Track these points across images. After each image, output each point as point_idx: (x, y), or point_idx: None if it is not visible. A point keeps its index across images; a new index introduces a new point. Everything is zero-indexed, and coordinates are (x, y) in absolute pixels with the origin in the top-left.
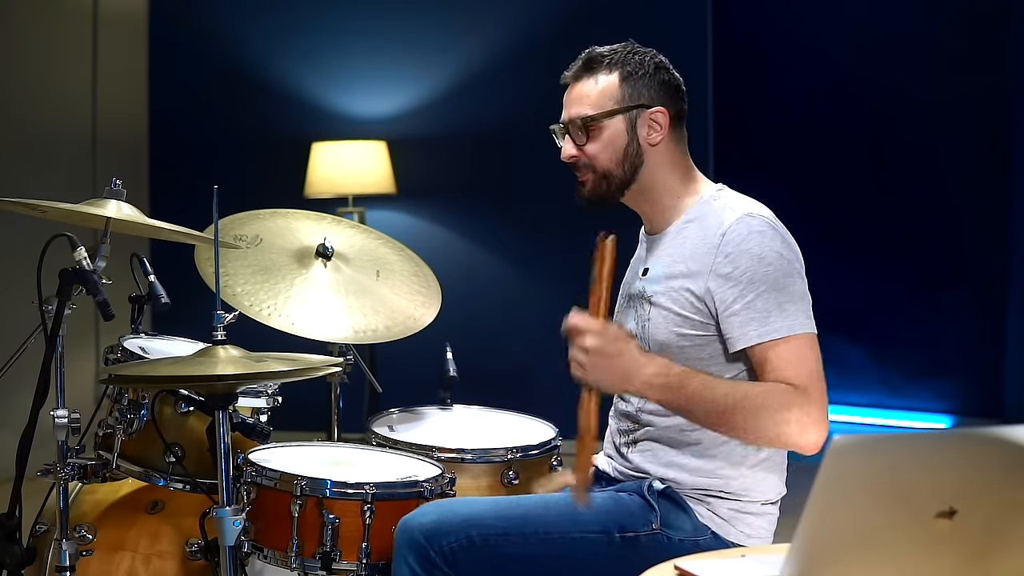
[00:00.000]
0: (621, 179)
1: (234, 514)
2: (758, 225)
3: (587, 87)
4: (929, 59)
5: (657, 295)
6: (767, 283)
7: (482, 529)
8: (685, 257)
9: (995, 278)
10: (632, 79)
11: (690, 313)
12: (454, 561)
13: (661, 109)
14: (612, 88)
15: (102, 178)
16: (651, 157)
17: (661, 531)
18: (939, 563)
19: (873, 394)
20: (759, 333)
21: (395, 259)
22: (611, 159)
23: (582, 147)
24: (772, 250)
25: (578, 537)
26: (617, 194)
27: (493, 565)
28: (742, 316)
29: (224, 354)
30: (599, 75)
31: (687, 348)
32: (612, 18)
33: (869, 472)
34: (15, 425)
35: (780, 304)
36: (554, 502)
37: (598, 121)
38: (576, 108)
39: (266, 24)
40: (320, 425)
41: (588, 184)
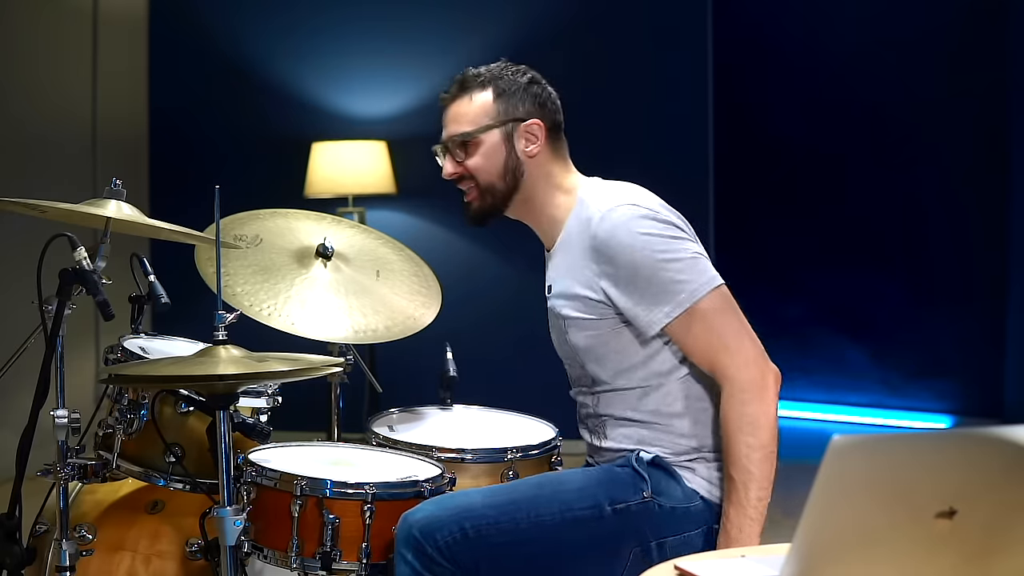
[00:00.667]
0: (504, 191)
1: (234, 514)
2: (618, 216)
3: (463, 106)
4: (929, 57)
5: (564, 308)
6: (649, 266)
7: (475, 520)
8: (572, 267)
9: (995, 278)
10: (505, 95)
11: (593, 316)
12: (451, 555)
13: (536, 121)
14: (487, 105)
15: (102, 178)
16: (531, 168)
17: (652, 499)
18: (939, 563)
19: (873, 394)
20: (664, 313)
21: (395, 259)
22: (491, 172)
23: (462, 163)
24: (639, 234)
25: (569, 516)
26: (502, 206)
27: (490, 554)
28: (643, 306)
29: (225, 354)
30: (473, 93)
31: (606, 344)
32: (612, 18)
33: (869, 472)
34: (15, 425)
35: (671, 279)
36: (544, 483)
37: (475, 137)
38: (453, 127)
39: (266, 24)
40: (320, 425)
41: (474, 201)
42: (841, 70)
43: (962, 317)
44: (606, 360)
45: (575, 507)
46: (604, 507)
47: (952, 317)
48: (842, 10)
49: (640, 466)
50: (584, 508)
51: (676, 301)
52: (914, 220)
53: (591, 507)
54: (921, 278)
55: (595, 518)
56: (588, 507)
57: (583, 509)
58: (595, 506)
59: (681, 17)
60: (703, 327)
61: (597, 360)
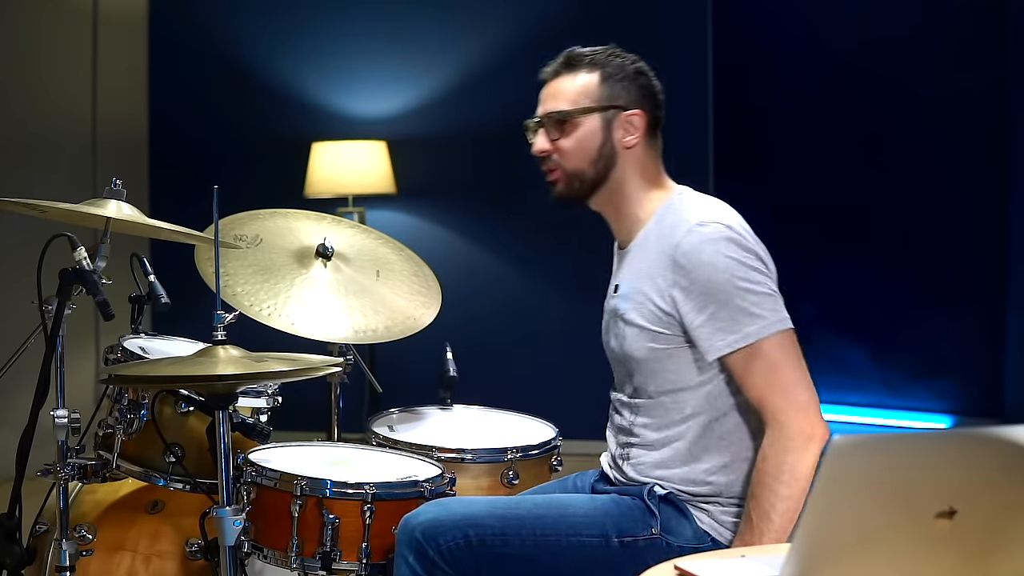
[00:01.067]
0: (592, 179)
1: (234, 514)
2: (709, 234)
3: (565, 84)
4: (929, 55)
5: (628, 312)
6: (726, 291)
7: (479, 529)
8: (648, 272)
9: (995, 277)
10: (612, 80)
11: (659, 328)
12: (452, 560)
13: (638, 112)
14: (591, 86)
15: (102, 178)
16: (624, 160)
17: (661, 536)
18: (939, 563)
19: (873, 394)
20: (727, 343)
21: (395, 259)
22: (583, 157)
23: (555, 142)
24: (724, 256)
25: (575, 541)
26: (587, 193)
27: (491, 564)
28: (709, 327)
29: (224, 354)
30: (579, 73)
31: (663, 360)
32: (612, 18)
33: (869, 472)
34: (15, 425)
35: (744, 310)
36: (552, 503)
37: (574, 117)
38: (552, 103)
39: (266, 24)
40: (320, 425)
41: (559, 183)
42: (841, 69)
43: (962, 317)
44: (658, 376)
45: (582, 532)
46: (611, 538)
47: (952, 317)
48: (842, 9)
49: (652, 501)
50: (591, 536)
51: (743, 333)
52: (914, 219)
53: (598, 535)
54: (921, 278)
55: (601, 547)
56: (595, 535)
57: (590, 536)
58: (602, 535)
59: (681, 18)
60: (764, 365)
61: (650, 373)
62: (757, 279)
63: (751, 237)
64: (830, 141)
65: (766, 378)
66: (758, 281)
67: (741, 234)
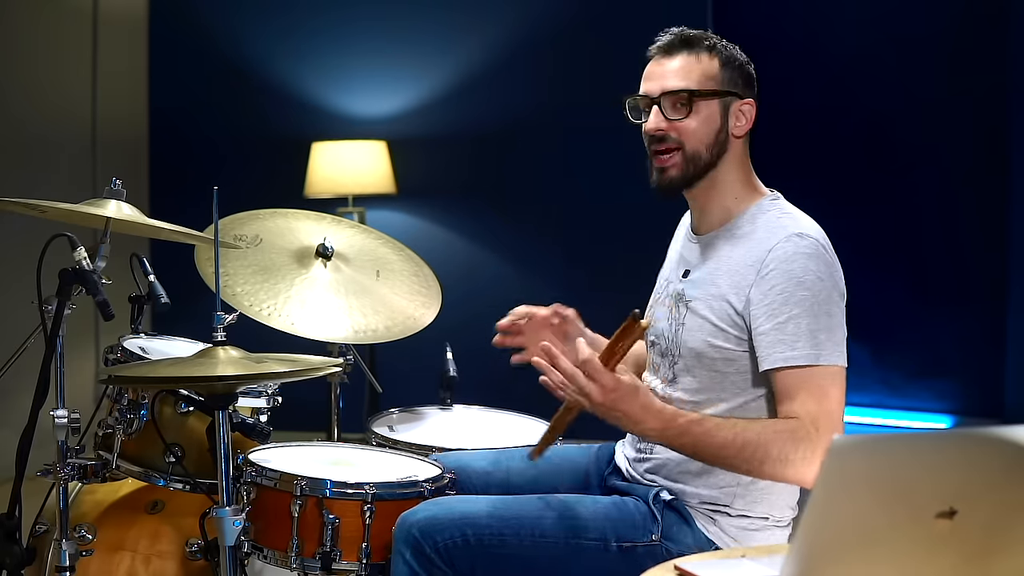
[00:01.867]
0: (706, 164)
1: (234, 514)
2: (806, 247)
3: (688, 62)
4: (929, 59)
5: (696, 301)
6: (802, 307)
7: (477, 529)
8: (731, 269)
9: (995, 278)
10: (730, 66)
11: (727, 326)
12: (449, 558)
13: (750, 101)
14: (714, 70)
15: (102, 178)
16: (732, 149)
17: (661, 543)
18: (939, 563)
19: (873, 394)
20: (784, 357)
21: (395, 259)
22: (702, 140)
23: (675, 122)
24: (813, 274)
25: (574, 543)
26: (696, 179)
27: (488, 564)
28: (771, 337)
29: (224, 355)
30: (700, 54)
31: (717, 360)
32: (612, 19)
33: (869, 472)
34: (15, 425)
35: (812, 331)
36: (551, 505)
37: (702, 98)
38: (675, 80)
39: (266, 24)
40: (320, 425)
41: (676, 167)
42: (841, 72)
43: (962, 317)
44: (705, 373)
45: (581, 535)
46: (610, 543)
47: (952, 317)
48: (842, 13)
49: (656, 506)
50: (590, 539)
51: (800, 354)
52: (914, 220)
53: (597, 540)
54: (921, 278)
55: (599, 551)
56: (594, 539)
57: (589, 540)
58: (601, 539)
59: (681, 21)
60: (812, 388)
61: (699, 367)
62: (834, 309)
63: (836, 262)
64: (830, 143)
65: (810, 395)
66: (834, 312)
67: (833, 259)
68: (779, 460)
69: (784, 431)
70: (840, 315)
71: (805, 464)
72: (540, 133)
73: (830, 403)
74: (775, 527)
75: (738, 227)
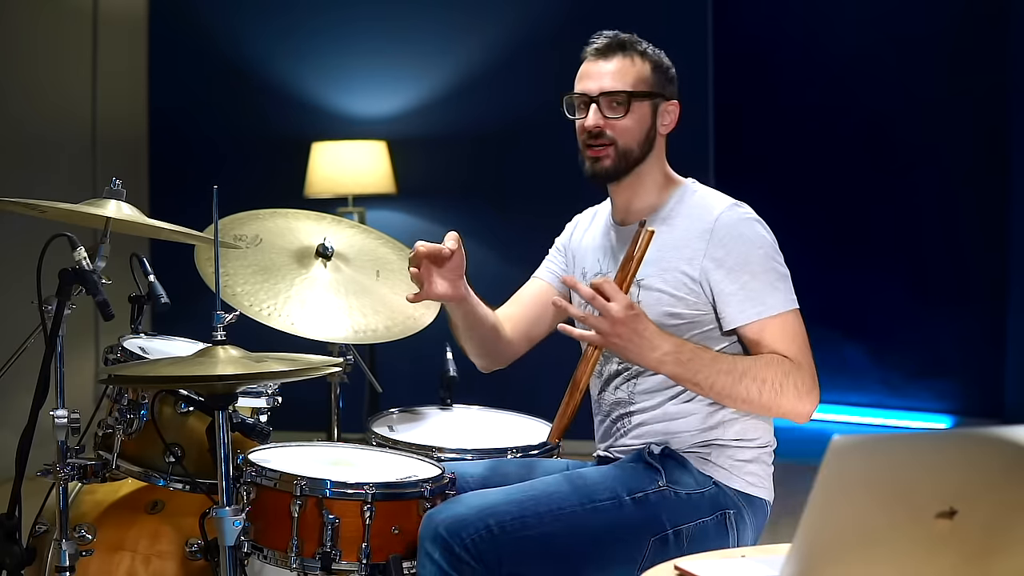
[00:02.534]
0: (636, 160)
1: (234, 514)
2: (746, 213)
3: (624, 65)
4: (929, 59)
5: (649, 278)
6: (760, 265)
7: (499, 517)
8: (676, 243)
9: (995, 278)
10: (659, 70)
11: (684, 293)
12: (478, 553)
13: (676, 102)
14: (646, 73)
15: (102, 178)
16: (657, 145)
17: (668, 487)
18: (939, 563)
19: (873, 394)
20: (757, 311)
21: (395, 259)
22: (635, 138)
23: (612, 120)
24: (759, 235)
25: (590, 507)
26: (625, 173)
27: (515, 549)
28: (739, 296)
29: (224, 354)
30: (634, 57)
31: (681, 326)
32: (612, 19)
33: (869, 472)
34: (15, 425)
35: (772, 283)
36: (562, 479)
37: (637, 99)
38: (614, 81)
39: (266, 24)
40: (320, 425)
41: (609, 160)
42: (841, 73)
43: (962, 317)
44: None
45: (596, 498)
46: (623, 497)
47: (952, 317)
48: (842, 13)
49: (652, 459)
50: (604, 499)
51: (768, 305)
52: (914, 220)
53: (610, 498)
54: (921, 278)
55: (615, 507)
56: (608, 498)
57: (603, 500)
58: (614, 497)
59: (681, 22)
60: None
61: None
62: (781, 261)
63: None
64: (830, 143)
65: (784, 336)
66: (781, 263)
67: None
68: (774, 387)
69: (774, 362)
70: (784, 267)
71: (797, 395)
72: (540, 133)
73: (802, 344)
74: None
75: (668, 210)
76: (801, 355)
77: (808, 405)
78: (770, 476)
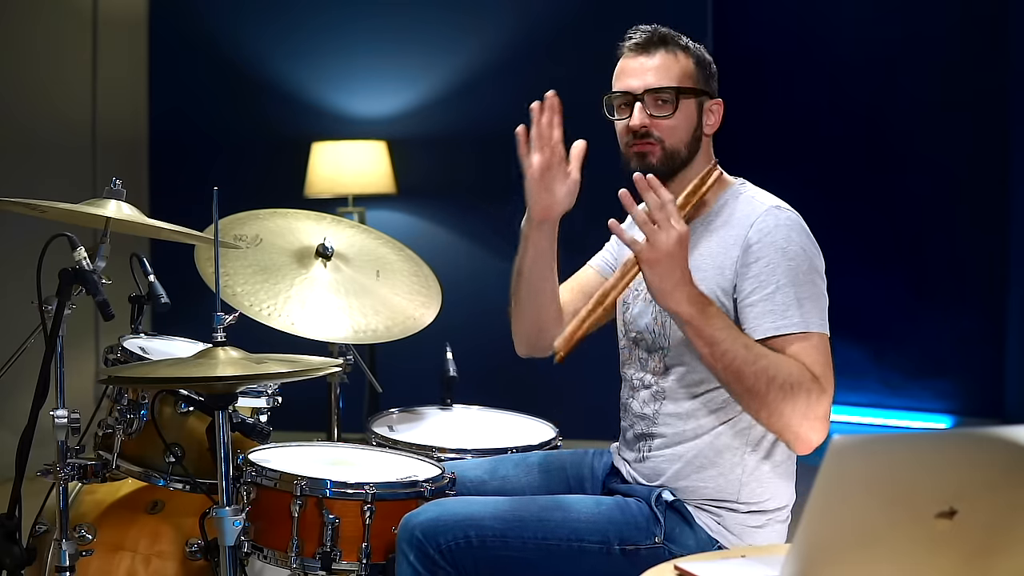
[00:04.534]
0: (682, 161)
1: (234, 514)
2: (786, 219)
3: (669, 60)
4: (929, 60)
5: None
6: (788, 277)
7: (480, 531)
8: (712, 252)
9: (995, 278)
10: (702, 66)
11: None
12: (453, 560)
13: (719, 100)
14: (691, 69)
15: (102, 178)
16: (704, 146)
17: (664, 545)
18: (939, 563)
19: (873, 394)
20: (775, 326)
21: (395, 259)
22: (682, 138)
23: (658, 119)
24: (796, 244)
25: (576, 547)
26: (671, 176)
27: (492, 565)
28: (759, 307)
29: (224, 356)
30: (677, 53)
31: None
32: (612, 19)
33: (869, 472)
34: (15, 425)
35: (799, 299)
36: (555, 506)
37: (684, 96)
38: (658, 78)
39: (266, 24)
40: (320, 425)
41: (655, 158)
42: (840, 74)
43: (962, 317)
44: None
45: (584, 538)
46: (613, 545)
47: (952, 317)
48: (840, 16)
49: (658, 507)
50: (592, 542)
51: (790, 322)
52: (914, 220)
53: (600, 542)
54: (921, 278)
55: (602, 554)
56: (596, 542)
57: (591, 543)
58: (604, 542)
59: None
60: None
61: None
62: (817, 280)
63: (815, 242)
64: (830, 143)
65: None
66: (817, 281)
67: (811, 235)
68: (784, 388)
69: (796, 368)
70: (822, 285)
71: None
72: None
73: (826, 367)
74: (776, 523)
75: (714, 214)
76: (824, 380)
77: (811, 431)
78: (783, 535)
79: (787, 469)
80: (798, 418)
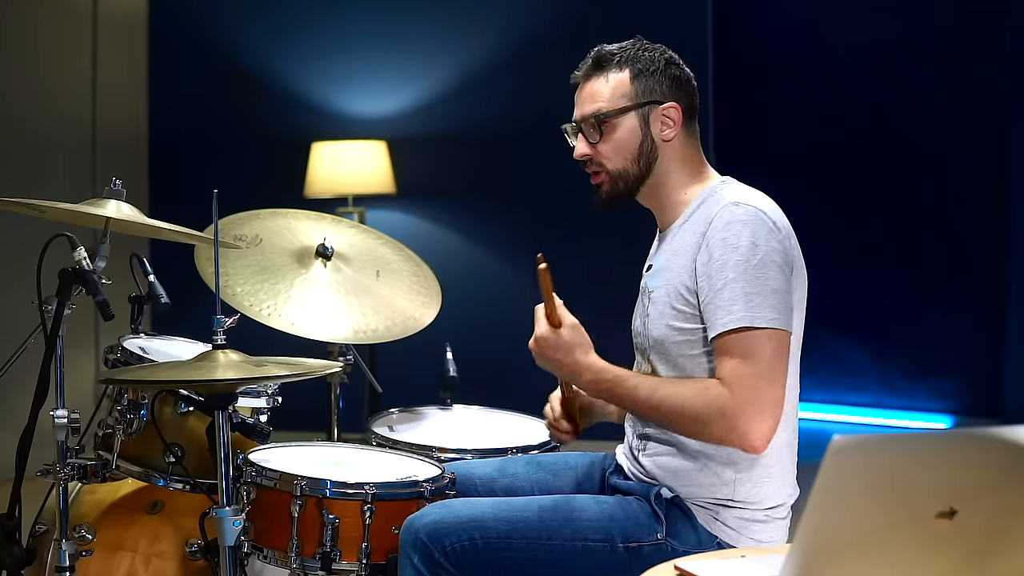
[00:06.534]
0: (636, 177)
1: (234, 514)
2: (742, 214)
3: (598, 85)
4: (929, 59)
5: (656, 290)
6: (736, 271)
7: (485, 532)
8: (681, 250)
9: (995, 278)
10: (643, 76)
11: (681, 305)
12: (458, 562)
13: (673, 105)
14: (624, 85)
15: (102, 178)
16: (665, 153)
17: (666, 541)
18: (939, 563)
19: (873, 394)
20: (723, 323)
21: (395, 259)
22: (625, 158)
23: (595, 145)
24: (746, 239)
25: (580, 546)
26: (632, 192)
27: (496, 567)
28: (712, 305)
29: (223, 358)
30: (610, 73)
31: (681, 343)
32: (612, 19)
33: (869, 472)
34: (15, 425)
35: (746, 295)
36: (557, 507)
37: (612, 118)
38: (588, 106)
39: (266, 24)
40: (320, 425)
41: (604, 186)
42: (840, 73)
43: (962, 317)
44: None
45: (588, 537)
46: (616, 543)
47: (952, 317)
48: (841, 14)
49: (658, 505)
50: (596, 541)
51: (734, 318)
52: (914, 220)
53: (603, 540)
54: (921, 278)
55: (606, 551)
56: (600, 540)
57: (595, 541)
58: (607, 540)
59: (681, 25)
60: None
61: (665, 351)
62: (771, 274)
63: (784, 230)
64: (830, 143)
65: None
66: (770, 276)
67: (773, 223)
68: (695, 420)
69: (697, 390)
70: (779, 279)
71: (728, 427)
72: (540, 133)
73: (756, 365)
74: (776, 519)
75: (688, 214)
76: (741, 381)
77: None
78: (784, 531)
79: (781, 468)
80: (724, 432)
